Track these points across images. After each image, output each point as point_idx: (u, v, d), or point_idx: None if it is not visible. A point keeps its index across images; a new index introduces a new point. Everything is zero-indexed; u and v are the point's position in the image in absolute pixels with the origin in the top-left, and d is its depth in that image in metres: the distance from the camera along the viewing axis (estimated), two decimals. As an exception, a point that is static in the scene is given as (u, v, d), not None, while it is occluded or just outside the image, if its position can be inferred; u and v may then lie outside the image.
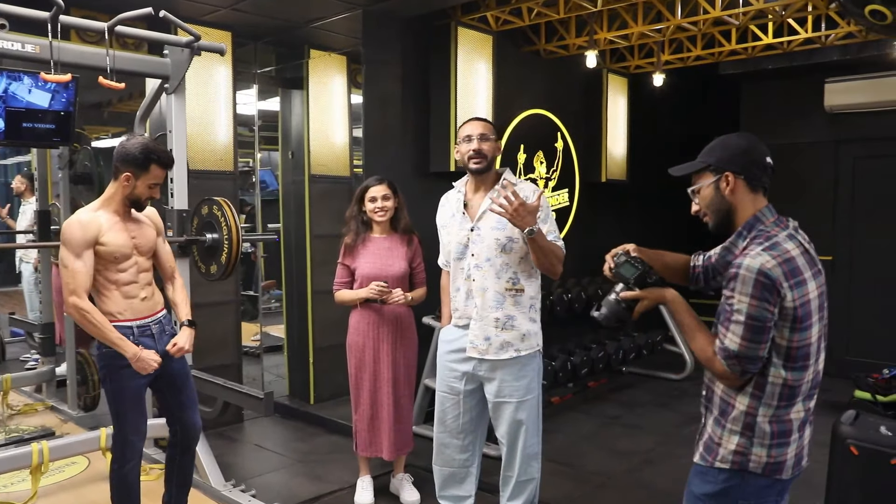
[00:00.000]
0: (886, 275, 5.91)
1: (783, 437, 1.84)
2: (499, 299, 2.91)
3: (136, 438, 2.88)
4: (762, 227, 1.85)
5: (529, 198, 2.78)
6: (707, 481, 1.93)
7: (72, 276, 2.67)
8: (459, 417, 3.10)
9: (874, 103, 5.86)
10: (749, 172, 1.87)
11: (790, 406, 1.84)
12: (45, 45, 3.10)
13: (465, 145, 2.93)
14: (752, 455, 1.85)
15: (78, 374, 4.88)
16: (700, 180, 1.94)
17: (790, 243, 1.80)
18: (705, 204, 1.94)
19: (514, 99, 5.49)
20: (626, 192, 6.74)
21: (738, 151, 1.89)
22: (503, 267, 2.90)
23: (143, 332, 2.84)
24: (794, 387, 1.83)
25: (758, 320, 1.74)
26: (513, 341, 2.92)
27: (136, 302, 2.84)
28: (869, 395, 4.92)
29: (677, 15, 4.89)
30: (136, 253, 2.85)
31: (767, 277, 1.73)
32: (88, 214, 2.79)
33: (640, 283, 1.96)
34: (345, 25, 4.91)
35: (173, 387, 2.98)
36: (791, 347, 1.79)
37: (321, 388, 5.43)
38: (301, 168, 5.45)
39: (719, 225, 1.94)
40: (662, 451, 4.47)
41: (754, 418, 1.84)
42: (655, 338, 6.23)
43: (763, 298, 1.73)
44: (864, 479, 2.78)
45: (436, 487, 3.24)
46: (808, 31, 5.14)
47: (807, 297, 1.77)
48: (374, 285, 3.41)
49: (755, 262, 1.75)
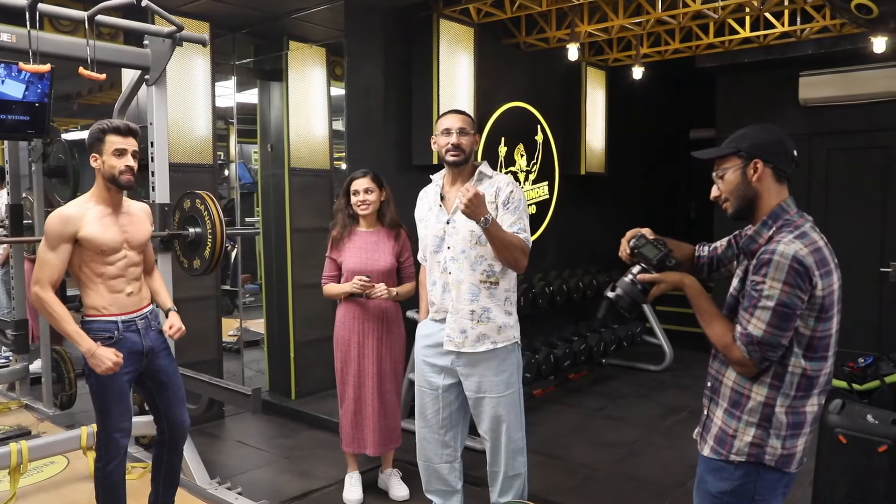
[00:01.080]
0: (858, 264, 6.02)
1: (797, 429, 1.85)
2: (474, 291, 2.89)
3: (119, 436, 2.81)
4: (788, 216, 1.86)
5: (502, 189, 2.84)
6: (723, 478, 1.92)
7: (41, 265, 2.66)
8: (439, 413, 3.08)
9: (846, 96, 5.95)
10: (778, 162, 1.87)
11: (807, 398, 1.85)
12: (22, 34, 3.00)
13: (444, 138, 2.92)
14: (768, 447, 1.85)
15: (53, 372, 4.78)
16: (725, 165, 1.91)
17: (815, 233, 1.83)
18: (729, 189, 1.91)
19: (495, 92, 5.48)
20: (604, 184, 6.78)
21: (771, 140, 1.88)
22: (478, 259, 2.88)
23: (127, 328, 2.79)
24: (813, 377, 1.84)
25: (787, 307, 1.75)
26: (489, 333, 2.90)
27: (122, 297, 2.80)
28: (845, 383, 5.01)
29: (658, 8, 4.92)
30: (127, 247, 2.80)
31: (801, 265, 1.74)
32: (75, 208, 2.74)
33: (661, 266, 1.94)
34: (325, 17, 4.86)
35: (159, 383, 2.93)
36: (814, 337, 1.81)
37: (302, 383, 5.38)
38: (280, 161, 5.38)
39: (740, 212, 1.91)
40: (646, 441, 4.50)
41: (772, 409, 1.85)
42: (635, 329, 6.28)
43: (796, 285, 1.74)
44: (852, 467, 2.82)
45: (422, 483, 3.24)
46: (784, 24, 5.21)
47: (832, 288, 1.80)
48: (357, 280, 3.38)
49: (790, 248, 1.75)
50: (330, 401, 5.31)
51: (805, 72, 6.05)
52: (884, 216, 6.04)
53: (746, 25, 5.36)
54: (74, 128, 10.03)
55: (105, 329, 2.75)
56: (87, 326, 2.75)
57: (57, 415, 4.69)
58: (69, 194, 4.85)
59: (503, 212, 2.84)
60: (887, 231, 6.04)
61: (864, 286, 6.07)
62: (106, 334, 2.75)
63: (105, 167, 2.71)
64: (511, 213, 2.84)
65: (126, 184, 2.75)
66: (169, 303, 3.01)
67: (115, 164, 2.70)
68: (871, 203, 6.08)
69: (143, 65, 3.54)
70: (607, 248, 6.85)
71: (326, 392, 5.48)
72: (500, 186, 2.86)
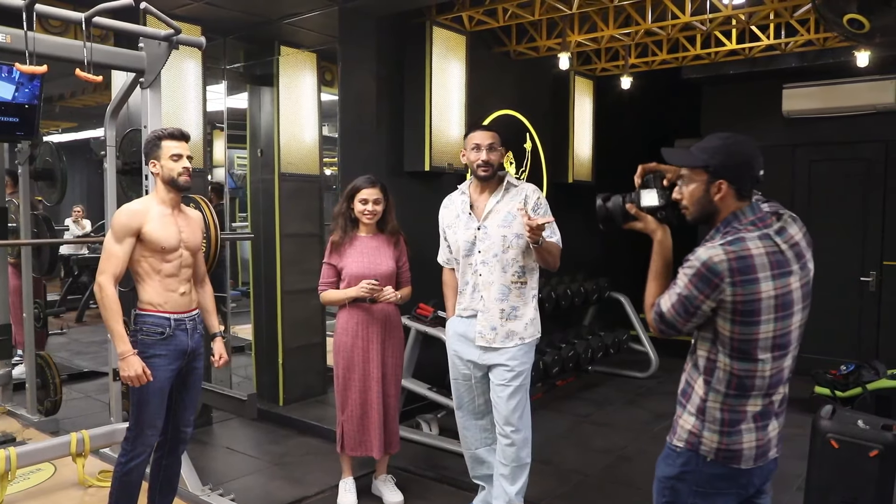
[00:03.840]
0: (840, 273, 6.13)
1: (735, 426, 1.92)
2: (504, 291, 3.12)
3: (151, 433, 2.88)
4: (737, 224, 1.90)
5: (530, 196, 3.15)
6: (668, 464, 2.02)
7: (107, 257, 2.79)
8: (475, 400, 3.31)
9: (828, 109, 6.07)
10: (742, 184, 1.91)
11: (743, 398, 1.91)
12: (17, 35, 2.97)
13: (475, 154, 3.14)
14: (704, 438, 1.94)
15: (38, 378, 4.70)
16: (691, 175, 1.96)
17: (756, 242, 1.85)
18: (691, 200, 1.97)
19: (485, 99, 5.51)
20: (591, 193, 6.82)
21: (741, 161, 1.91)
22: (509, 262, 3.12)
23: (178, 326, 2.90)
24: (743, 378, 1.89)
25: (687, 300, 1.88)
26: (517, 330, 3.13)
27: (175, 296, 2.90)
28: (828, 390, 5.11)
29: (647, 19, 4.98)
30: (183, 247, 2.92)
31: (710, 271, 1.83)
32: (140, 205, 2.90)
33: (665, 205, 2.03)
34: (317, 22, 4.86)
35: (185, 384, 3.00)
36: (733, 339, 1.87)
37: (291, 389, 5.35)
38: (270, 166, 5.35)
39: (698, 220, 1.99)
40: (636, 447, 4.54)
41: (705, 403, 1.94)
42: (622, 336, 6.33)
43: (697, 287, 1.85)
44: (844, 472, 2.87)
45: (468, 471, 3.47)
46: (770, 37, 5.30)
47: (756, 296, 1.82)
48: (366, 283, 3.37)
49: (705, 253, 1.85)
50: (318, 407, 5.31)
51: (788, 84, 6.17)
52: (864, 227, 6.16)
53: (733, 38, 5.44)
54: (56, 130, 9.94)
55: (158, 324, 2.85)
56: (142, 319, 2.85)
57: (41, 421, 4.61)
58: (56, 197, 4.80)
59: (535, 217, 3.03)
60: (868, 241, 6.17)
61: (846, 295, 6.19)
62: (159, 329, 2.85)
63: (164, 171, 2.88)
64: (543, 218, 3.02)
65: (185, 184, 2.91)
66: (217, 326, 3.16)
67: (174, 168, 2.87)
68: (852, 214, 6.20)
69: (139, 67, 3.51)
70: (594, 256, 7.00)
71: (314, 398, 5.47)
72: (527, 194, 3.15)
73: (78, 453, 3.57)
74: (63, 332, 8.10)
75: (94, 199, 12.65)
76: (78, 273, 9.51)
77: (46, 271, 4.92)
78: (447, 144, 4.93)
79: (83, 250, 9.38)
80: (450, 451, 4.30)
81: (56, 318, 8.56)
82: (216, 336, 3.12)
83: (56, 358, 4.93)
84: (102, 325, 2.94)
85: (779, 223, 1.93)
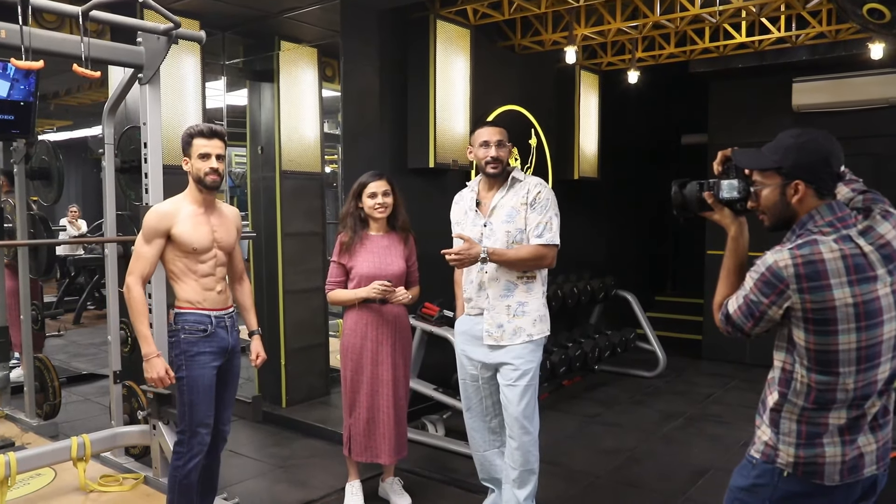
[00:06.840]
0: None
1: (814, 439, 1.77)
2: (510, 287, 3.08)
3: (204, 431, 2.89)
4: (811, 225, 1.76)
5: (531, 191, 3.07)
6: (742, 475, 1.90)
7: (136, 258, 2.81)
8: (483, 401, 3.26)
9: (839, 103, 5.99)
10: (821, 183, 1.76)
11: (824, 410, 1.76)
12: (13, 30, 2.88)
13: (483, 150, 3.09)
14: (780, 450, 1.81)
15: (36, 381, 4.61)
16: (764, 178, 1.83)
17: (831, 245, 1.69)
18: (766, 206, 1.83)
19: (490, 94, 5.42)
20: (597, 189, 6.74)
21: (818, 159, 1.76)
22: None
23: (218, 323, 2.90)
24: (824, 391, 1.74)
25: (752, 304, 1.79)
26: (525, 326, 3.07)
27: (213, 294, 2.90)
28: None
29: (656, 12, 4.89)
30: (217, 247, 2.91)
31: (774, 276, 1.72)
32: (170, 205, 2.88)
33: (744, 197, 1.89)
34: (318, 16, 4.77)
35: (224, 382, 2.99)
36: (809, 349, 1.73)
37: (294, 390, 5.26)
38: (271, 164, 5.26)
39: (777, 227, 1.84)
40: (646, 448, 4.45)
41: (779, 414, 1.82)
42: (629, 335, 6.24)
43: (762, 291, 1.75)
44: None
45: (478, 473, 3.41)
46: (780, 30, 5.21)
47: (829, 303, 1.68)
48: (378, 284, 3.28)
49: (771, 257, 1.74)
50: (322, 408, 5.23)
51: (798, 78, 6.08)
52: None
53: (742, 30, 5.36)
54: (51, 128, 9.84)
55: (200, 322, 2.86)
56: (183, 318, 2.86)
57: (41, 425, 4.52)
58: (53, 197, 4.71)
59: (531, 212, 3.05)
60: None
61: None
62: (201, 327, 2.85)
63: (193, 169, 2.86)
64: (538, 213, 3.04)
65: (211, 184, 2.86)
66: (255, 323, 3.15)
67: (201, 167, 2.84)
68: (861, 209, 6.11)
69: (137, 63, 3.43)
70: (600, 254, 6.91)
71: (317, 399, 5.39)
72: (529, 188, 3.08)
73: (79, 458, 3.51)
74: (61, 334, 8.00)
75: (88, 198, 12.57)
76: (75, 274, 9.43)
77: (43, 272, 4.82)
78: (451, 141, 4.84)
79: (80, 251, 9.29)
80: (457, 452, 4.22)
81: (53, 321, 8.47)
82: (254, 334, 3.11)
83: (54, 360, 4.83)
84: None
85: (865, 221, 1.75)
